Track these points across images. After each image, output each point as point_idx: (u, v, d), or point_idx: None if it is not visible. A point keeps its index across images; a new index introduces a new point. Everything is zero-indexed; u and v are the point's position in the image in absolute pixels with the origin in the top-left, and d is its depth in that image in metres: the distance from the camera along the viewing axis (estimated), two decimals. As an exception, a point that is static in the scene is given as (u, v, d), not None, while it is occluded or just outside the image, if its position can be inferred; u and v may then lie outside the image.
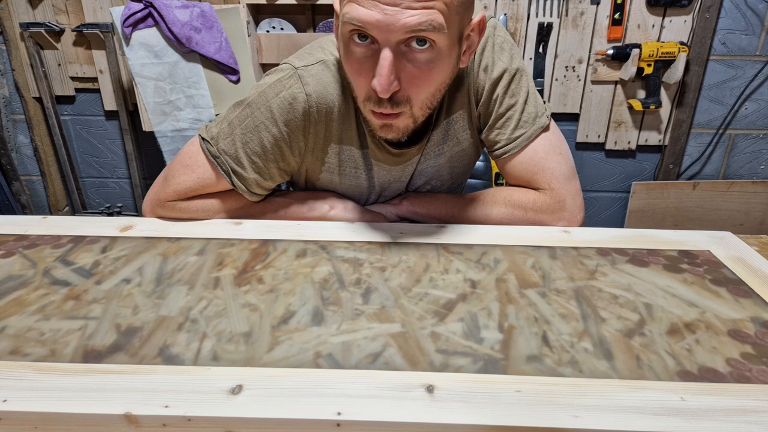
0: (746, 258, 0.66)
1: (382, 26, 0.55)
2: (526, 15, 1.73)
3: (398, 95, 0.61)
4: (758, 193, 1.88)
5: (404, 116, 0.64)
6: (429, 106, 0.66)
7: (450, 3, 0.56)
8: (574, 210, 0.75)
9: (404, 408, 0.41)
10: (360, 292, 0.57)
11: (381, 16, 0.55)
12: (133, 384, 0.44)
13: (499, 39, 0.73)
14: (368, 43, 0.58)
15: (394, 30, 0.55)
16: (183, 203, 0.76)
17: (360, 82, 0.62)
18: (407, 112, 0.64)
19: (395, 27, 0.55)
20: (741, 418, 0.41)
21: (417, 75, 0.60)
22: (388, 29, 0.55)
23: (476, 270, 0.62)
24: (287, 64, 0.72)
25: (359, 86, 0.63)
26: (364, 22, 0.56)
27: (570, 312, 0.54)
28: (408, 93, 0.61)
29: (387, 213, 0.82)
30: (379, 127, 0.66)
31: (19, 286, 0.59)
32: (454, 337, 0.50)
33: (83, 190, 2.09)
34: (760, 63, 1.77)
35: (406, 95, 0.62)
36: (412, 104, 0.63)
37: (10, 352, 0.48)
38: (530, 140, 0.75)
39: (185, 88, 1.69)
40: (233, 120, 0.72)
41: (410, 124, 0.66)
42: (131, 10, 1.57)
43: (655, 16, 1.71)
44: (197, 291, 0.58)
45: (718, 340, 0.50)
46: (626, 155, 1.93)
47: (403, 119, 0.64)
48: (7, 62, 1.89)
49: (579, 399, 0.42)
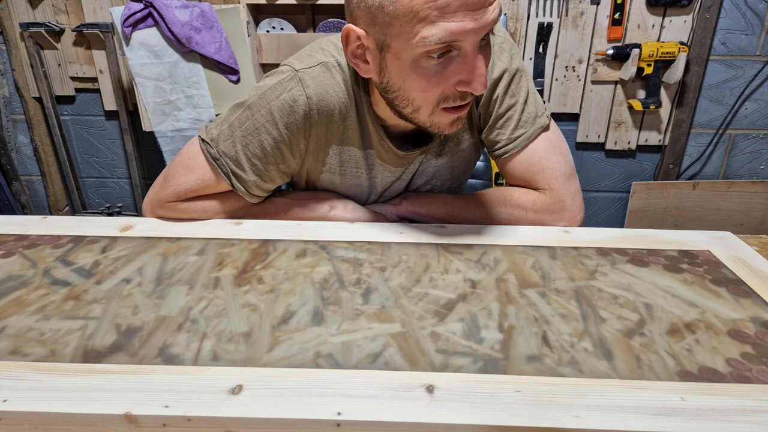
0: (746, 258, 0.66)
1: (474, 31, 0.55)
2: (526, 15, 1.73)
3: None
4: (758, 193, 1.88)
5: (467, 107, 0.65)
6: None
7: None
8: (574, 210, 0.75)
9: (404, 408, 0.41)
10: (360, 292, 0.57)
11: (473, 23, 0.55)
12: (133, 384, 0.44)
13: (498, 39, 0.73)
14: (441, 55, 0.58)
15: (482, 30, 0.56)
16: (183, 204, 0.76)
17: (435, 92, 0.61)
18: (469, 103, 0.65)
19: (485, 26, 0.56)
20: (741, 418, 0.41)
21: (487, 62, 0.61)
22: (479, 31, 0.56)
23: (476, 270, 0.62)
24: (287, 66, 0.72)
25: (432, 96, 0.61)
26: (457, 34, 0.55)
27: (570, 312, 0.54)
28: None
29: (387, 213, 0.82)
30: (449, 125, 0.66)
31: (19, 286, 0.59)
32: (454, 337, 0.50)
33: (83, 190, 2.09)
34: (760, 63, 1.77)
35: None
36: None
37: (10, 352, 0.48)
38: (530, 140, 0.75)
39: (185, 88, 1.69)
40: (233, 122, 0.72)
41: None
42: (131, 10, 1.57)
43: (655, 16, 1.71)
44: (197, 291, 0.58)
45: (718, 340, 0.50)
46: (626, 155, 1.93)
47: (467, 107, 0.65)
48: (7, 62, 1.89)
49: (579, 399, 0.42)
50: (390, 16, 0.56)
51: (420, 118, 0.65)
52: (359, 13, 0.59)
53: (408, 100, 0.63)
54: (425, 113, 0.64)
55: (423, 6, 0.53)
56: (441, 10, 0.53)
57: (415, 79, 0.60)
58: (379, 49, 0.60)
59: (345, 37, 0.62)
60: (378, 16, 0.57)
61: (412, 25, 0.55)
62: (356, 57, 0.63)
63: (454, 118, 0.65)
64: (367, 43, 0.61)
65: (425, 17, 0.54)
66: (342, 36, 0.62)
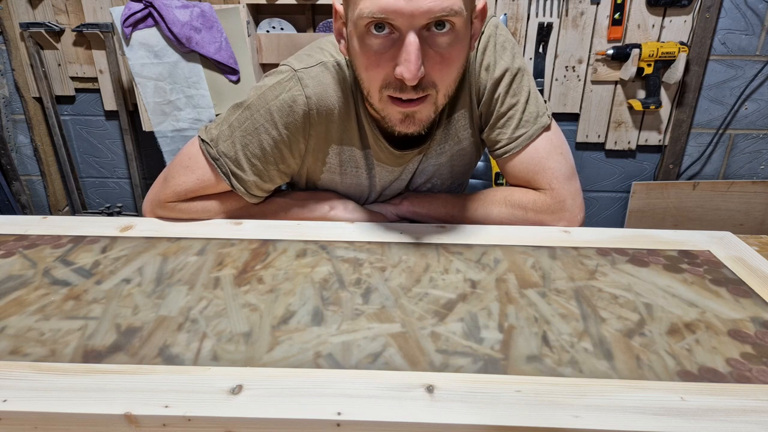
0: (746, 258, 0.66)
1: (405, 13, 0.55)
2: (526, 15, 1.73)
3: (424, 80, 0.61)
4: (758, 193, 1.88)
5: (428, 102, 0.63)
6: (450, 93, 0.65)
7: None
8: (574, 210, 0.75)
9: (404, 408, 0.41)
10: (360, 292, 0.57)
11: (404, 3, 0.55)
12: (133, 384, 0.44)
13: (500, 38, 0.73)
14: (386, 34, 0.58)
15: (417, 15, 0.55)
16: (183, 204, 0.76)
17: (377, 74, 0.61)
18: (431, 99, 0.63)
19: (419, 12, 0.55)
20: (741, 418, 0.41)
21: (439, 60, 0.60)
22: (412, 16, 0.55)
23: (476, 270, 0.62)
24: (287, 66, 0.72)
25: (374, 78, 0.62)
26: (387, 11, 0.55)
27: (570, 312, 0.54)
28: (433, 78, 0.61)
29: (387, 213, 0.82)
30: (399, 121, 0.65)
31: (19, 286, 0.59)
32: (454, 337, 0.50)
33: (83, 190, 2.09)
34: (760, 63, 1.77)
35: (431, 80, 0.61)
36: (438, 89, 0.62)
37: (10, 352, 0.48)
38: (531, 140, 0.75)
39: (185, 88, 1.69)
40: (233, 122, 0.72)
41: (431, 114, 0.66)
42: (131, 10, 1.57)
43: (655, 16, 1.71)
44: (197, 291, 0.58)
45: (718, 340, 0.50)
46: (626, 155, 1.93)
47: (426, 107, 0.64)
48: (7, 62, 1.89)
49: (579, 399, 0.42)
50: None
51: (375, 106, 0.66)
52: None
53: (362, 80, 0.64)
54: (375, 99, 0.64)
55: None
56: None
57: (361, 55, 0.61)
58: (345, 23, 0.63)
59: (334, 14, 0.65)
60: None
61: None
62: (339, 34, 0.66)
63: (402, 113, 0.64)
64: (344, 19, 0.64)
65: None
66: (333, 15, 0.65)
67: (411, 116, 0.64)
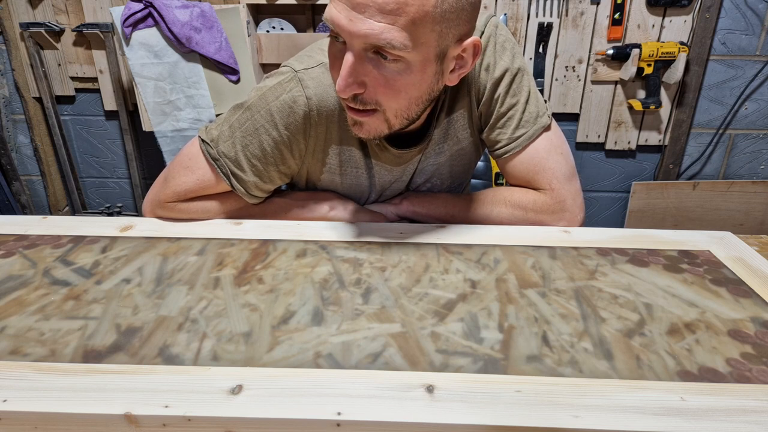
0: (746, 258, 0.66)
1: (345, 31, 0.56)
2: (526, 15, 1.73)
3: (365, 96, 0.60)
4: (758, 193, 1.88)
5: (376, 119, 0.63)
6: (406, 116, 0.64)
7: (420, 20, 0.54)
8: (574, 210, 0.75)
9: (404, 408, 0.41)
10: (360, 292, 0.57)
11: (346, 21, 0.55)
12: (133, 384, 0.44)
13: (500, 38, 0.73)
14: (342, 42, 0.59)
15: (355, 37, 0.56)
16: (183, 204, 0.76)
17: (334, 75, 0.63)
18: (380, 116, 0.63)
19: (356, 35, 0.55)
20: (741, 418, 0.41)
21: (383, 83, 0.59)
22: (351, 35, 0.56)
23: (476, 270, 0.62)
24: (287, 66, 0.72)
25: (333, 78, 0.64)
26: (332, 23, 0.57)
27: (570, 312, 0.54)
28: (376, 97, 0.61)
29: (387, 213, 0.82)
30: (352, 125, 0.66)
31: (19, 286, 0.59)
32: (454, 337, 0.50)
33: (83, 190, 2.09)
34: (760, 63, 1.77)
35: (374, 98, 0.61)
36: (384, 109, 0.62)
37: (10, 352, 0.48)
38: (531, 140, 0.75)
39: (185, 88, 1.69)
40: (233, 123, 0.72)
41: (384, 129, 0.65)
42: (131, 10, 1.57)
43: (655, 16, 1.71)
44: (197, 291, 0.58)
45: (718, 340, 0.50)
46: (626, 155, 1.93)
47: (374, 121, 0.63)
48: (7, 62, 1.89)
49: (579, 399, 0.42)
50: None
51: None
52: None
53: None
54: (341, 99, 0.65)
55: None
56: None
57: (328, 53, 0.63)
58: None
59: None
60: None
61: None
62: None
63: (353, 119, 0.64)
64: None
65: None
66: None
67: (359, 123, 0.64)
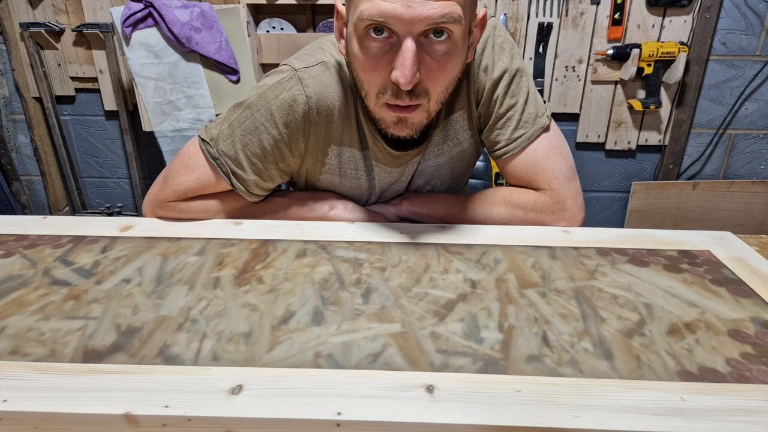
0: (746, 258, 0.66)
1: (404, 20, 0.56)
2: (526, 15, 1.73)
3: (418, 87, 0.61)
4: (758, 193, 1.88)
5: (420, 110, 0.64)
6: (442, 100, 0.66)
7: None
8: (574, 210, 0.75)
9: (404, 408, 0.41)
10: (360, 292, 0.57)
11: (404, 9, 0.55)
12: (133, 384, 0.44)
13: (499, 39, 0.73)
14: (385, 38, 0.58)
15: (416, 22, 0.56)
16: (183, 204, 0.76)
17: (374, 77, 0.62)
18: (424, 106, 0.64)
19: (418, 19, 0.55)
20: (741, 418, 0.41)
21: (435, 67, 0.61)
22: (411, 22, 0.56)
23: (476, 270, 0.62)
24: (287, 65, 0.72)
25: (372, 81, 0.63)
26: (386, 16, 0.56)
27: (570, 312, 0.54)
28: (426, 85, 0.62)
29: (387, 213, 0.82)
30: (393, 124, 0.66)
31: (19, 286, 0.59)
32: (454, 337, 0.50)
33: (83, 190, 2.09)
34: (760, 63, 1.77)
35: (425, 87, 0.62)
36: (429, 97, 0.63)
37: (10, 352, 0.48)
38: (530, 140, 0.75)
39: (185, 88, 1.69)
40: (233, 121, 0.72)
41: (424, 120, 0.66)
42: (131, 10, 1.57)
43: (655, 16, 1.71)
44: (197, 291, 0.58)
45: (718, 340, 0.50)
46: (626, 155, 1.93)
47: (418, 113, 0.65)
48: (7, 62, 1.89)
49: (579, 399, 0.42)
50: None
51: (371, 108, 0.66)
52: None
53: (360, 82, 0.65)
54: (372, 101, 0.65)
55: None
56: None
57: (359, 56, 0.61)
58: (346, 23, 0.63)
59: (335, 15, 0.65)
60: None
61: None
62: (340, 34, 0.66)
63: (396, 117, 0.65)
64: (344, 20, 0.64)
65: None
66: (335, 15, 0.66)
67: (404, 120, 0.65)
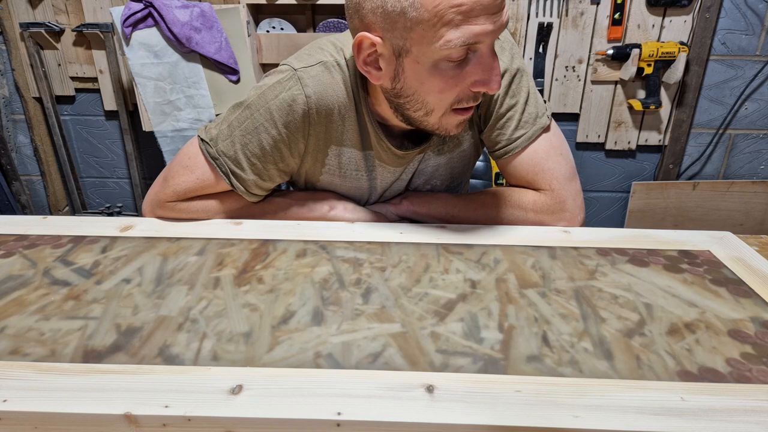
0: (746, 258, 0.66)
1: (492, 33, 0.58)
2: (526, 15, 1.73)
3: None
4: (758, 193, 1.88)
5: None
6: None
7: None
8: (574, 210, 0.75)
9: (404, 408, 0.41)
10: (360, 292, 0.57)
11: (492, 26, 0.57)
12: (133, 384, 0.44)
13: (499, 39, 0.73)
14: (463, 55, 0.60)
15: (499, 32, 0.59)
16: (182, 204, 0.76)
17: (451, 94, 0.63)
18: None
19: (501, 29, 0.59)
20: (741, 418, 0.41)
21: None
22: (495, 33, 0.58)
23: (476, 270, 0.62)
24: (287, 65, 0.72)
25: (446, 99, 0.63)
26: (479, 37, 0.57)
27: (570, 312, 0.54)
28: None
29: (387, 213, 0.82)
30: (456, 126, 0.68)
31: (19, 286, 0.59)
32: (454, 337, 0.50)
33: (83, 190, 2.09)
34: (760, 63, 1.77)
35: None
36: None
37: (10, 352, 0.48)
38: (531, 141, 0.75)
39: (185, 88, 1.69)
40: (233, 121, 0.72)
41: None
42: (131, 10, 1.57)
43: (655, 16, 1.71)
44: (197, 291, 0.58)
45: (718, 340, 0.50)
46: (626, 155, 1.93)
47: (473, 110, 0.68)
48: (7, 62, 1.89)
49: (579, 399, 0.42)
50: (412, 22, 0.57)
51: (429, 121, 0.67)
52: (374, 20, 0.59)
53: (421, 103, 0.64)
54: (437, 115, 0.66)
55: (448, 11, 0.55)
56: (465, 14, 0.56)
57: (434, 81, 0.61)
58: (396, 54, 0.61)
59: (357, 45, 0.62)
60: (398, 21, 0.58)
61: (437, 29, 0.57)
62: (368, 64, 0.64)
63: (462, 119, 0.67)
64: (382, 50, 0.61)
65: (449, 21, 0.56)
66: (354, 44, 0.62)
67: (466, 119, 0.68)
